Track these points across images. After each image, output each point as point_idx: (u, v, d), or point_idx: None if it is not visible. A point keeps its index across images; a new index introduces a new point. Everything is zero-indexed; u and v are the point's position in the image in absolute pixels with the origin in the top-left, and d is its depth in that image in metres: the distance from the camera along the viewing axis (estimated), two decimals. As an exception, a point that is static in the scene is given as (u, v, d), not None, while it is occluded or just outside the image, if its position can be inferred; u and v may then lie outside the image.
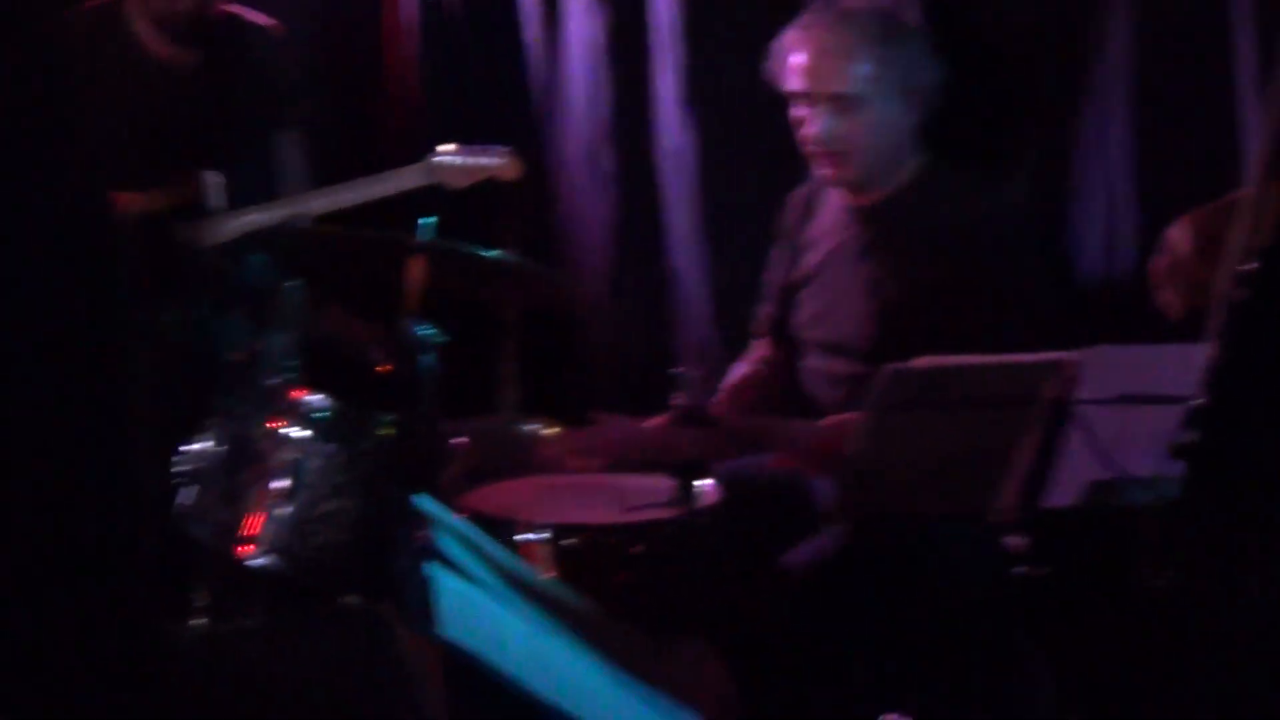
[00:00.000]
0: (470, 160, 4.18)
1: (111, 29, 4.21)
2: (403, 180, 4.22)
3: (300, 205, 4.20)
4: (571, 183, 4.58)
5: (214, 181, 4.21)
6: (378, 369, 3.51)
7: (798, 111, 3.29)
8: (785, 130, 3.59)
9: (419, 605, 2.16)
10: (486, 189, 4.49)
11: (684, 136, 4.06)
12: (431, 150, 4.22)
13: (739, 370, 3.56)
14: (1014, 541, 2.67)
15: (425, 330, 3.09)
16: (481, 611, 2.22)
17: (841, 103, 3.21)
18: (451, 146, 4.20)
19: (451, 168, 4.20)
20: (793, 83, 3.26)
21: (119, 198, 4.22)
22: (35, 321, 1.80)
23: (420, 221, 3.31)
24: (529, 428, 4.07)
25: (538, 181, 4.68)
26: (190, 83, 4.25)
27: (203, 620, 3.29)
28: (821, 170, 3.31)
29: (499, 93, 4.82)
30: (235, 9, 4.33)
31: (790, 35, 3.29)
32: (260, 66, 4.35)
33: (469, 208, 4.63)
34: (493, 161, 4.20)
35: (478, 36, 4.83)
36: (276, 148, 4.43)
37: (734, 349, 3.74)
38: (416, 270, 3.16)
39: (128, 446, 1.94)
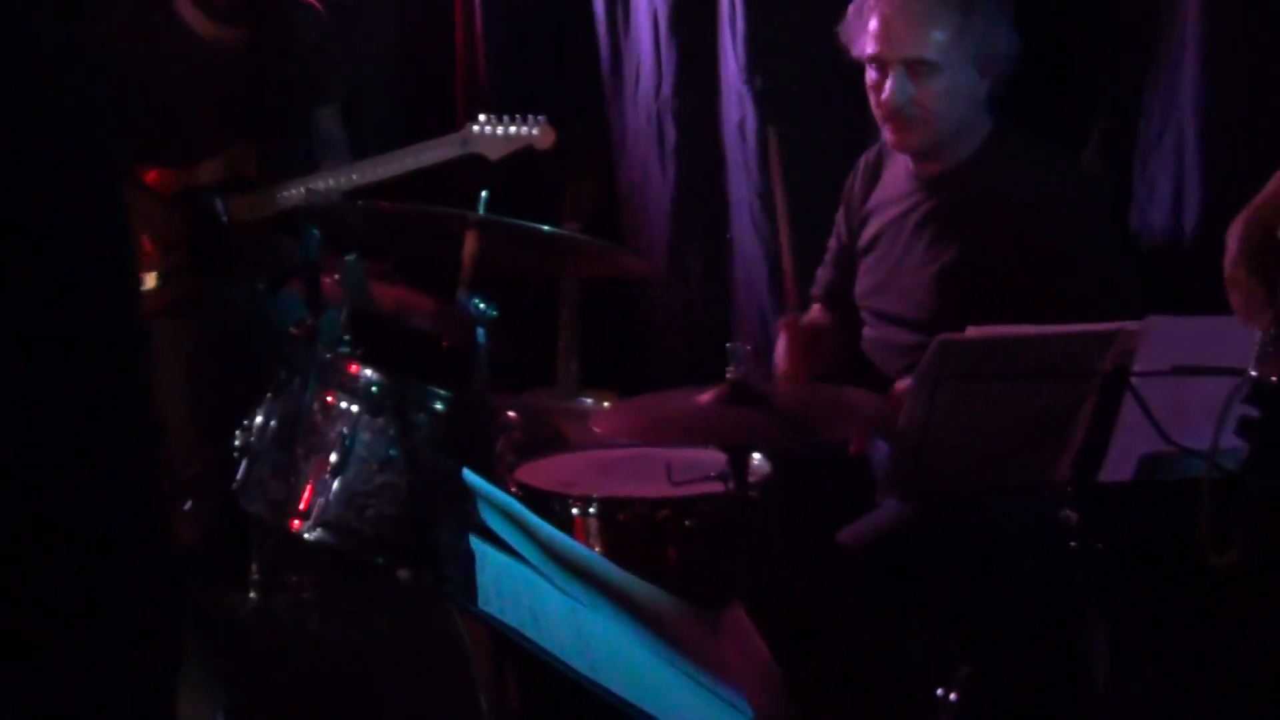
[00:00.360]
0: (505, 130, 4.21)
1: (156, 7, 4.24)
2: (439, 151, 4.25)
3: (341, 176, 4.23)
4: (635, 155, 4.57)
5: (256, 155, 4.25)
6: (432, 343, 3.50)
7: (872, 75, 3.25)
8: (847, 104, 3.56)
9: (463, 580, 2.15)
10: (553, 160, 4.52)
11: (747, 108, 4.02)
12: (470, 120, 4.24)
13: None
14: (1070, 515, 2.61)
15: (479, 305, 3.07)
16: (525, 588, 2.21)
17: (916, 67, 3.17)
18: (485, 117, 4.22)
19: (487, 138, 4.22)
20: (869, 47, 3.22)
21: (164, 173, 4.27)
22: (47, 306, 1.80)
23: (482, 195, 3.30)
24: (588, 400, 4.08)
25: (602, 153, 4.68)
26: (233, 59, 4.28)
27: (257, 593, 3.32)
28: (891, 136, 3.27)
29: (565, 66, 4.83)
30: None
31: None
32: (301, 42, 4.37)
33: (533, 179, 4.67)
34: (528, 131, 4.22)
35: (545, 10, 4.83)
36: (318, 121, 4.46)
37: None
38: (472, 244, 3.15)
39: (141, 437, 1.93)
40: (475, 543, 2.27)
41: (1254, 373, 2.20)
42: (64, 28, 1.88)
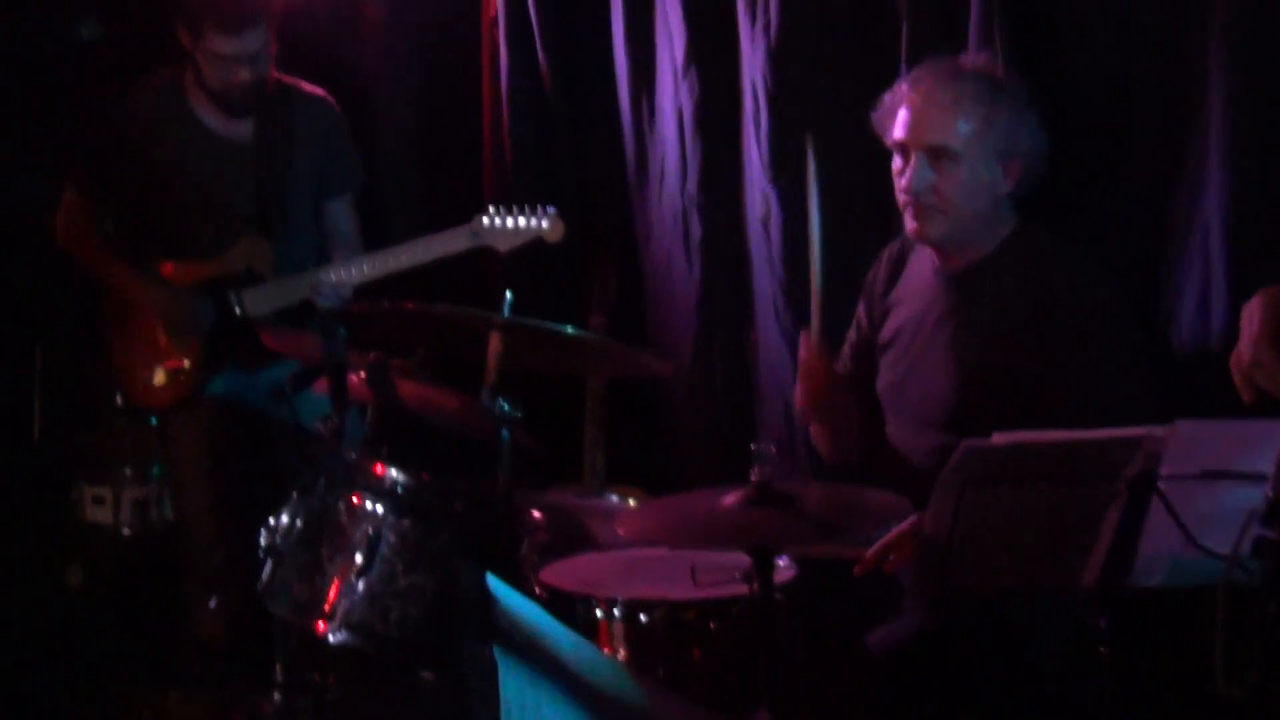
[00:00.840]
0: (514, 223, 4.21)
1: (171, 100, 4.29)
2: (448, 244, 4.27)
3: (351, 269, 4.26)
4: (660, 249, 4.58)
5: (268, 248, 4.28)
6: (457, 442, 3.50)
7: (897, 163, 3.29)
8: (869, 200, 3.58)
9: (484, 688, 2.14)
10: (578, 254, 4.54)
11: (771, 205, 4.03)
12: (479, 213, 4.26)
13: None
14: (1097, 620, 2.59)
15: (504, 406, 3.07)
16: (543, 702, 2.20)
17: (937, 155, 3.20)
18: (494, 209, 4.24)
19: (496, 231, 4.23)
20: (896, 132, 3.26)
21: (180, 266, 4.31)
22: None
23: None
24: (613, 497, 4.07)
25: (626, 247, 4.70)
26: (244, 153, 4.32)
27: (280, 694, 3.31)
28: (911, 224, 3.28)
29: (590, 159, 4.85)
30: (289, 79, 4.39)
31: (901, 87, 3.30)
32: (311, 135, 4.41)
33: (557, 271, 4.69)
34: (537, 223, 4.22)
35: (571, 104, 4.87)
36: (329, 213, 4.49)
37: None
38: (497, 344, 3.15)
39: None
40: (498, 651, 2.27)
41: (1269, 493, 2.18)
42: None
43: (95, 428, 5.12)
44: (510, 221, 4.26)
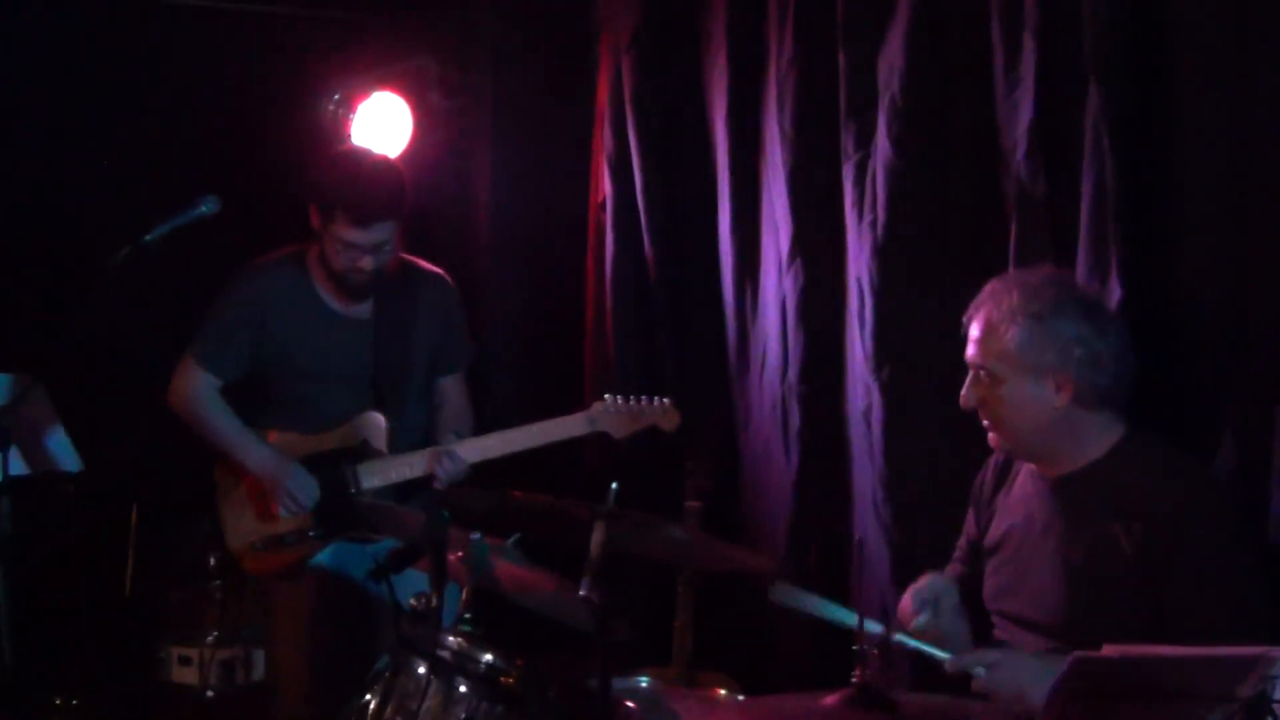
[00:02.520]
0: (632, 410, 4.27)
1: (293, 276, 4.37)
2: (565, 428, 4.33)
3: (467, 449, 4.29)
4: (758, 437, 4.58)
5: (386, 424, 4.33)
6: (551, 625, 3.48)
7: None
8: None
9: None
10: (676, 442, 4.55)
11: (874, 398, 4.03)
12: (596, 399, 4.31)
13: None
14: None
15: (604, 595, 3.05)
16: None
17: (981, 374, 3.23)
18: (611, 396, 4.29)
19: (612, 416, 4.29)
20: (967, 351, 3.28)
21: (291, 436, 4.36)
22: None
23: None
24: (702, 684, 4.03)
25: (725, 433, 4.71)
26: (363, 331, 4.38)
27: None
28: (990, 434, 3.29)
29: (690, 344, 4.89)
30: (408, 257, 4.46)
31: (973, 303, 3.30)
32: (428, 313, 4.47)
33: (655, 455, 4.70)
34: (654, 413, 4.28)
35: (674, 289, 4.92)
36: (441, 389, 4.54)
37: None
38: (600, 534, 3.14)
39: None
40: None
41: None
42: None
43: (185, 588, 5.14)
44: (628, 409, 4.32)
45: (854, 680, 2.78)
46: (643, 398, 4.37)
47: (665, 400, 4.37)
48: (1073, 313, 3.19)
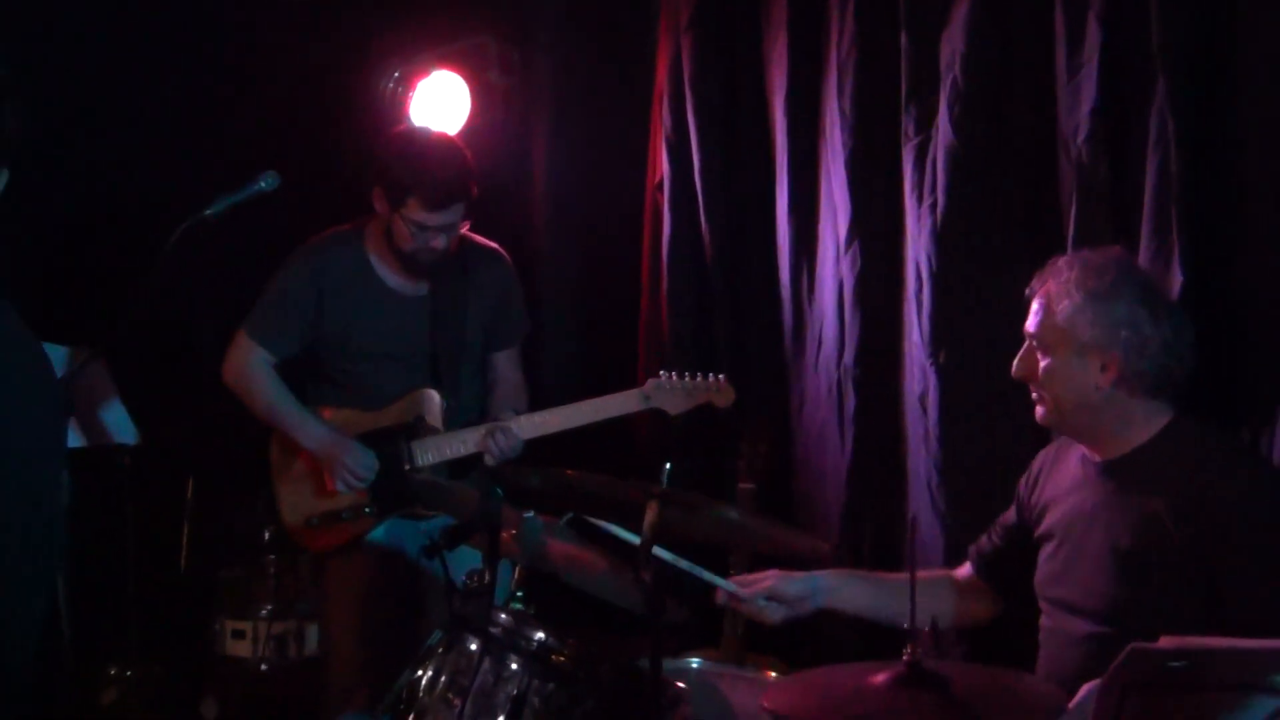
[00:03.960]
0: (686, 386, 4.27)
1: (350, 254, 4.38)
2: (620, 404, 4.33)
3: (522, 424, 4.30)
4: (813, 420, 4.57)
5: (441, 401, 4.34)
6: (602, 606, 3.49)
7: None
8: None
9: None
10: (730, 423, 4.54)
11: (930, 382, 4.01)
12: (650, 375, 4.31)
13: None
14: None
15: (655, 574, 3.04)
16: None
17: (1034, 344, 3.26)
18: (666, 373, 4.30)
19: (668, 393, 4.29)
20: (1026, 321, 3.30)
21: (348, 413, 4.38)
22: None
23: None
24: (752, 666, 4.02)
25: (780, 416, 4.69)
26: (420, 308, 4.39)
27: None
28: (1037, 407, 3.31)
29: (746, 326, 4.88)
30: (466, 233, 4.46)
31: (1038, 276, 3.30)
32: (485, 289, 4.47)
33: (710, 436, 4.69)
34: (708, 389, 4.28)
35: (731, 270, 4.90)
36: (496, 365, 4.54)
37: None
38: (652, 515, 3.14)
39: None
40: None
41: None
42: None
43: (240, 562, 5.18)
44: (682, 385, 4.33)
45: (905, 657, 2.77)
46: (697, 374, 4.37)
47: (720, 376, 4.38)
48: (1130, 296, 3.17)
